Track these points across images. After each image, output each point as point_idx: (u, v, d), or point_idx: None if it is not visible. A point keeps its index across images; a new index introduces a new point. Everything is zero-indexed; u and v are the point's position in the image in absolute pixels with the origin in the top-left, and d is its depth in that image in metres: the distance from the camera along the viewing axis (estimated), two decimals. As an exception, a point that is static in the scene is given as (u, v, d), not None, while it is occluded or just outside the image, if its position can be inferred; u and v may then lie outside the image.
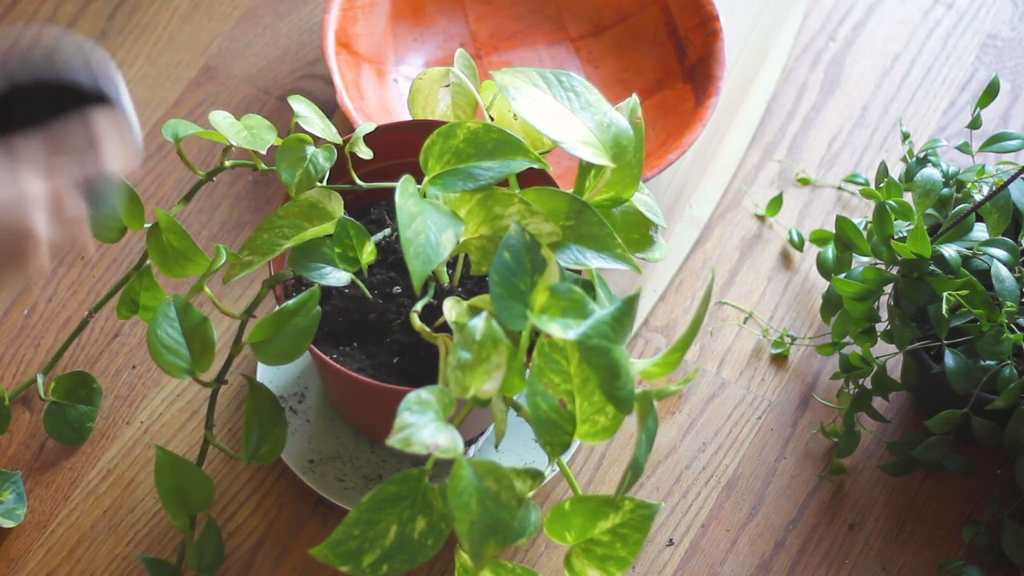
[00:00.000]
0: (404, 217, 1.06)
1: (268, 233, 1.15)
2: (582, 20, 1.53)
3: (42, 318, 1.39)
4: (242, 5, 1.56)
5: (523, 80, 1.12)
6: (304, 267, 1.15)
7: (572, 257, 1.11)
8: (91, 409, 1.33)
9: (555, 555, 1.29)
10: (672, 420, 1.36)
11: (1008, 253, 1.23)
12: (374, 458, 1.30)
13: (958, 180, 1.29)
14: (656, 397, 1.06)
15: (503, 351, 1.03)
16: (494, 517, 1.02)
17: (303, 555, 1.29)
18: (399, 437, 0.99)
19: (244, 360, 1.35)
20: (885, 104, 1.53)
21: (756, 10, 1.56)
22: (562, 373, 1.06)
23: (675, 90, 1.46)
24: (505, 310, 1.04)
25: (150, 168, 1.47)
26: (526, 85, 1.12)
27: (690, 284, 1.42)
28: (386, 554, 1.04)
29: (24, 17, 1.54)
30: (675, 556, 1.30)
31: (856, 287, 1.26)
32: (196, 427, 1.34)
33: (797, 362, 1.39)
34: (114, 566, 1.29)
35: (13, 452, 1.33)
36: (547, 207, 1.11)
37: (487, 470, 1.02)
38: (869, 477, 1.34)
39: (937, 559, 1.30)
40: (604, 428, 1.08)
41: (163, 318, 1.16)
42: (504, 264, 1.04)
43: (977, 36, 1.57)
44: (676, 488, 1.33)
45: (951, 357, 1.22)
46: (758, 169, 1.49)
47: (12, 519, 1.29)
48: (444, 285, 1.22)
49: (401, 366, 1.20)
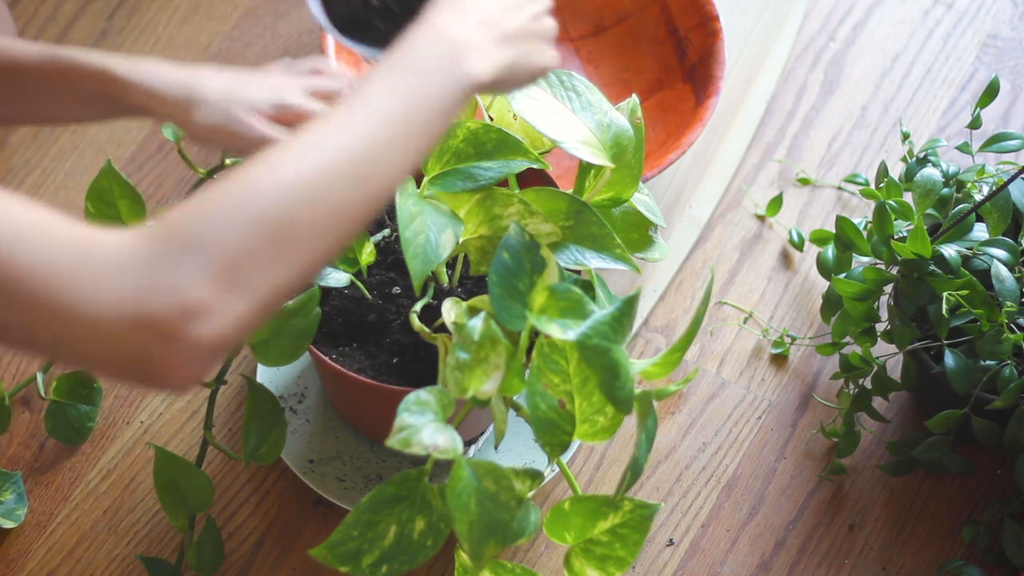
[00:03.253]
0: (404, 217, 1.06)
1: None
2: (582, 20, 1.53)
3: (42, 318, 1.39)
4: (242, 5, 1.56)
5: None
6: None
7: (572, 257, 1.11)
8: (92, 409, 1.33)
9: (555, 555, 1.29)
10: (672, 420, 1.36)
11: (1008, 253, 1.23)
12: (374, 458, 1.30)
13: (958, 180, 1.29)
14: (656, 397, 1.06)
15: (502, 351, 1.03)
16: (493, 518, 1.02)
17: (303, 555, 1.29)
18: (398, 438, 0.99)
19: (244, 360, 1.35)
20: (885, 104, 1.53)
21: (756, 10, 1.56)
22: (561, 373, 1.06)
23: (675, 90, 1.46)
24: (504, 310, 1.04)
25: (151, 168, 1.47)
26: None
27: (690, 284, 1.42)
28: (385, 555, 1.04)
29: (24, 17, 1.54)
30: (675, 556, 1.30)
31: (856, 287, 1.26)
32: (196, 427, 1.34)
33: (797, 362, 1.39)
34: (114, 566, 1.29)
35: (13, 452, 1.33)
36: (546, 207, 1.11)
37: (486, 471, 1.02)
38: (869, 477, 1.34)
39: (937, 559, 1.30)
40: (603, 428, 1.08)
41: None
42: (503, 264, 1.04)
43: (977, 36, 1.56)
44: (676, 488, 1.33)
45: (951, 357, 1.22)
46: (758, 169, 1.49)
47: (12, 519, 1.29)
48: (443, 285, 1.22)
49: (400, 366, 1.20)
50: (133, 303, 0.79)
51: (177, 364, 0.80)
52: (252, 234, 0.80)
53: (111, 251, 0.79)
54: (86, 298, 0.79)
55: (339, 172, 0.83)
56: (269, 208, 0.81)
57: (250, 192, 0.81)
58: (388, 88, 0.87)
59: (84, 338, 0.79)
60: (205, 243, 0.79)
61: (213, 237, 0.80)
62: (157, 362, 0.80)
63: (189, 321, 0.79)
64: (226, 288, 0.79)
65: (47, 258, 0.79)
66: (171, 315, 0.79)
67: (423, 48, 0.90)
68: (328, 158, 0.83)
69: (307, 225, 0.82)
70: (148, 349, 0.79)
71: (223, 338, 0.80)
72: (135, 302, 0.79)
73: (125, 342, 0.79)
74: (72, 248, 0.79)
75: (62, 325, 0.79)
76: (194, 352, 0.80)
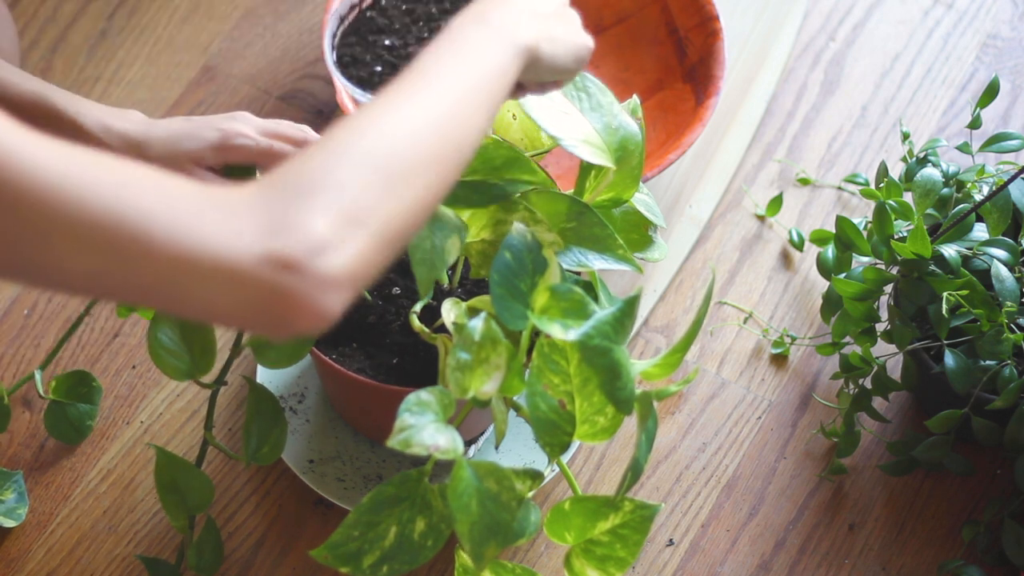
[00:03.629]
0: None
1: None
2: (582, 20, 1.52)
3: (42, 318, 1.39)
4: (242, 5, 1.56)
5: None
6: None
7: (574, 259, 1.11)
8: (91, 408, 1.33)
9: (554, 555, 1.29)
10: (672, 420, 1.36)
11: (1008, 253, 1.23)
12: (374, 458, 1.30)
13: (958, 180, 1.29)
14: (656, 398, 1.06)
15: (502, 352, 1.03)
16: (495, 518, 1.02)
17: (303, 555, 1.29)
18: (399, 438, 0.99)
19: (244, 360, 1.35)
20: (885, 104, 1.53)
21: (756, 10, 1.56)
22: (561, 374, 1.06)
23: (675, 90, 1.46)
24: (506, 310, 1.03)
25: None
26: None
27: (690, 284, 1.42)
28: (386, 555, 1.04)
29: (24, 17, 1.54)
30: (675, 556, 1.30)
31: (856, 287, 1.26)
32: (196, 427, 1.34)
33: (797, 362, 1.39)
34: (114, 566, 1.29)
35: (13, 452, 1.33)
36: (548, 209, 1.11)
37: (487, 471, 1.02)
38: (869, 477, 1.34)
39: (937, 559, 1.30)
40: (603, 429, 1.08)
41: (163, 320, 1.16)
42: (506, 264, 1.04)
43: (977, 36, 1.56)
44: (676, 488, 1.33)
45: (951, 357, 1.22)
46: (758, 169, 1.49)
47: (13, 519, 1.29)
48: (444, 286, 1.22)
49: (400, 367, 1.20)
50: (259, 242, 0.81)
51: (307, 300, 0.82)
52: (365, 172, 0.84)
53: (232, 197, 0.82)
54: (211, 241, 0.81)
55: (429, 121, 0.89)
56: (377, 148, 0.85)
57: (356, 137, 0.86)
58: (447, 57, 0.93)
59: (209, 284, 0.82)
60: (322, 184, 0.83)
61: (329, 178, 0.83)
62: (286, 299, 0.82)
63: (316, 256, 0.81)
64: (347, 223, 0.83)
65: (165, 205, 0.81)
66: (297, 251, 0.81)
67: (468, 25, 0.95)
68: (417, 112, 0.88)
69: (411, 163, 0.86)
70: (277, 286, 0.81)
71: (349, 272, 0.83)
72: (261, 241, 0.81)
73: (253, 282, 0.81)
74: (192, 196, 0.82)
75: (184, 272, 0.81)
76: (322, 286, 0.82)
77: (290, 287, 0.81)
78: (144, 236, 0.80)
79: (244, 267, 0.81)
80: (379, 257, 0.85)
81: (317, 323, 0.83)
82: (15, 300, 1.40)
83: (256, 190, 0.83)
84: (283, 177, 0.84)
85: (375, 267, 0.85)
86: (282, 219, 0.82)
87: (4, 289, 1.40)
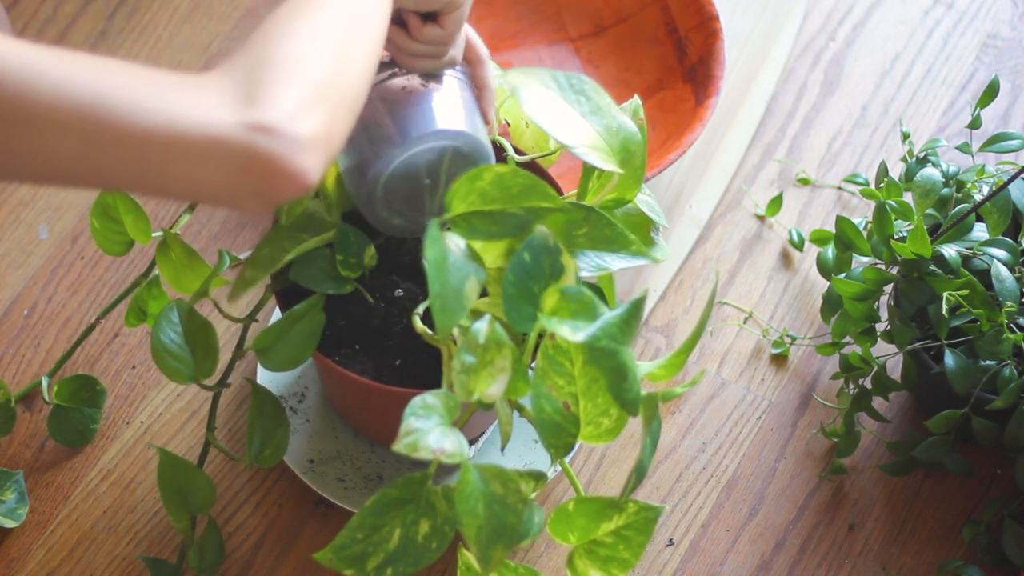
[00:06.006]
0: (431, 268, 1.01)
1: (269, 247, 1.14)
2: (582, 20, 1.53)
3: (42, 318, 1.39)
4: (242, 5, 1.56)
5: (533, 80, 1.11)
6: (306, 278, 1.15)
7: (593, 263, 1.10)
8: (95, 411, 1.33)
9: (555, 555, 1.30)
10: (672, 420, 1.36)
11: (1008, 253, 1.23)
12: (374, 458, 1.30)
13: (958, 180, 1.29)
14: (662, 399, 1.06)
15: (507, 354, 1.03)
16: (501, 521, 1.02)
17: (303, 555, 1.29)
18: (405, 442, 0.98)
19: (244, 360, 1.35)
20: (885, 104, 1.53)
21: (756, 10, 1.56)
22: (566, 375, 1.06)
23: (675, 90, 1.46)
24: (515, 311, 1.03)
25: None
26: (536, 85, 1.11)
27: (690, 284, 1.43)
28: (390, 557, 1.04)
29: (24, 17, 1.53)
30: (675, 556, 1.31)
31: (856, 287, 1.26)
32: (196, 427, 1.34)
33: (797, 362, 1.39)
34: (114, 566, 1.29)
35: (13, 452, 1.33)
36: (557, 226, 1.10)
37: (493, 474, 1.02)
38: (869, 477, 1.34)
39: (937, 559, 1.31)
40: (608, 430, 1.08)
41: (166, 323, 1.16)
42: (522, 265, 1.03)
43: (977, 36, 1.57)
44: (676, 488, 1.33)
45: (951, 357, 1.22)
46: (758, 169, 1.49)
47: (14, 519, 1.29)
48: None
49: (403, 368, 1.20)
50: (236, 112, 0.88)
51: (287, 160, 0.89)
52: (313, 53, 0.92)
53: (201, 80, 0.89)
54: (191, 114, 0.87)
55: (342, 15, 0.97)
56: (316, 32, 0.94)
57: (293, 24, 0.94)
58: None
59: (191, 157, 0.88)
60: (282, 64, 0.91)
61: (287, 58, 0.91)
62: (268, 161, 0.88)
63: (290, 122, 0.89)
64: (310, 95, 0.90)
65: (143, 85, 0.87)
66: (272, 116, 0.88)
67: None
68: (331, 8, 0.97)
69: (344, 43, 0.95)
70: (257, 148, 0.88)
71: (322, 134, 0.91)
72: (237, 112, 0.88)
73: (234, 147, 0.88)
74: (166, 77, 0.88)
75: (166, 147, 0.87)
76: (300, 146, 0.89)
77: (270, 148, 0.88)
78: (126, 113, 0.86)
79: (224, 134, 0.87)
80: (341, 124, 0.93)
81: (298, 185, 0.89)
82: (15, 300, 1.40)
83: (221, 71, 0.90)
84: (243, 60, 0.91)
85: (339, 133, 0.93)
86: (254, 93, 0.89)
87: (4, 289, 1.40)
